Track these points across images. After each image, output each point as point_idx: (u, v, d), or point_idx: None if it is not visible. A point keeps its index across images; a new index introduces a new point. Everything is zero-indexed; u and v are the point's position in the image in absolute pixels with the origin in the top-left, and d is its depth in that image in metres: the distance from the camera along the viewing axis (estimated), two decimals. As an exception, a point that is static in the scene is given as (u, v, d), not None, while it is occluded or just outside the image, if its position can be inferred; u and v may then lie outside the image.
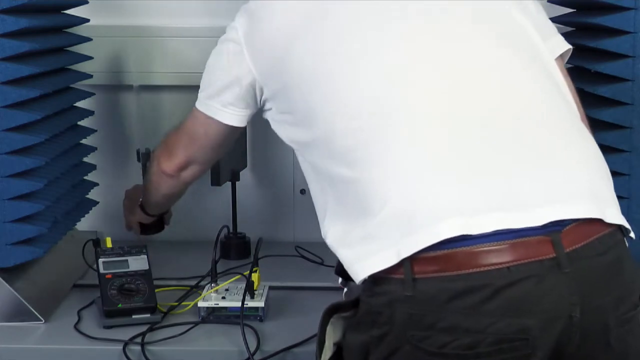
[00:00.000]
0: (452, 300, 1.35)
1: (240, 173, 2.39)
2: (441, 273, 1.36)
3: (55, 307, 1.97)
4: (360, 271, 1.43)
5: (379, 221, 1.41)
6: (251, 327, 1.83)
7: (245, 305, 1.85)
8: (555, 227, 1.38)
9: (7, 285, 1.88)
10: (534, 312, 1.35)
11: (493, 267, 1.35)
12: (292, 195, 2.51)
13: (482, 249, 1.35)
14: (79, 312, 1.94)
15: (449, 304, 1.35)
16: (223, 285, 1.93)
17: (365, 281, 1.44)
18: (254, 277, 1.90)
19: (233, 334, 1.80)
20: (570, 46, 1.65)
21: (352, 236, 1.47)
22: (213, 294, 1.90)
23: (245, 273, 1.91)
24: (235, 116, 1.74)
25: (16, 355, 1.81)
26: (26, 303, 1.88)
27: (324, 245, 2.34)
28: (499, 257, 1.35)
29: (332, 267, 2.19)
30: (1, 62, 1.81)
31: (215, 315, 1.88)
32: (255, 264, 1.94)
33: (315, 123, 1.54)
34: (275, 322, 1.89)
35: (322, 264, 2.28)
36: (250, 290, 1.88)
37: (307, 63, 1.56)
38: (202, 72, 2.19)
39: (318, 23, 1.57)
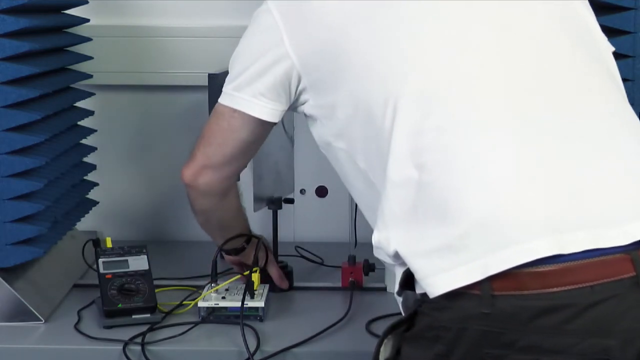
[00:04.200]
0: (534, 319, 1.30)
1: (240, 173, 2.39)
2: (522, 291, 1.30)
3: (55, 307, 1.97)
4: (439, 284, 1.33)
5: (462, 231, 1.33)
6: (251, 327, 1.83)
7: (245, 305, 1.85)
8: (631, 246, 1.34)
9: (7, 285, 1.87)
10: (615, 332, 1.31)
11: (576, 287, 1.30)
12: (292, 196, 2.51)
13: (563, 266, 1.31)
14: (79, 312, 1.93)
15: (531, 323, 1.30)
16: (223, 285, 1.93)
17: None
18: (254, 277, 1.89)
19: (233, 334, 1.80)
20: (613, 48, 1.61)
21: (427, 245, 1.36)
22: (213, 294, 1.90)
23: (245, 273, 1.91)
24: (265, 109, 1.61)
25: (16, 355, 1.81)
26: (26, 303, 1.88)
27: (324, 245, 2.37)
28: (581, 276, 1.31)
29: (332, 267, 2.21)
30: (1, 62, 1.81)
31: (215, 315, 1.88)
32: (255, 263, 1.94)
33: (373, 119, 1.45)
34: (275, 322, 1.89)
35: (322, 264, 2.28)
36: (250, 290, 1.88)
37: (365, 47, 1.47)
38: (202, 72, 2.20)
39: (377, 4, 1.49)
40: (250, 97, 1.61)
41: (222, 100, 1.66)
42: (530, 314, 1.30)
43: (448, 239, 1.34)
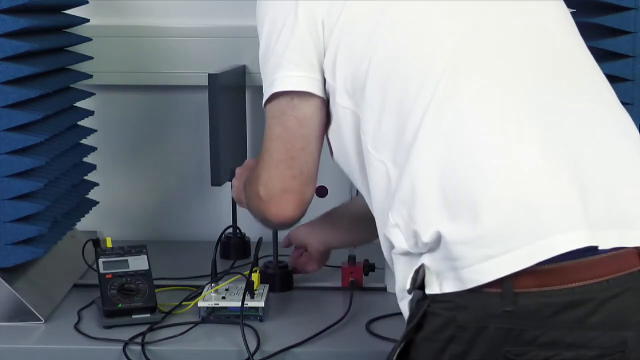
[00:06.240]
0: (557, 315, 1.31)
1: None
2: (543, 287, 1.31)
3: (55, 307, 1.97)
4: (485, 272, 1.32)
5: (503, 219, 1.32)
6: (251, 327, 1.83)
7: (245, 305, 1.85)
8: None
9: (7, 285, 1.87)
10: (631, 324, 1.34)
11: (594, 281, 1.32)
12: (292, 195, 2.51)
13: (579, 262, 1.32)
14: (79, 312, 1.93)
15: (553, 318, 1.31)
16: (223, 285, 1.93)
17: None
18: (254, 277, 1.90)
19: (233, 334, 1.80)
20: None
21: (470, 231, 1.33)
22: (213, 294, 1.90)
23: (245, 273, 1.91)
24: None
25: (16, 355, 1.81)
26: (26, 303, 1.88)
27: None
28: (598, 270, 1.33)
29: (332, 267, 2.20)
30: (1, 62, 1.81)
31: (215, 315, 1.88)
32: (255, 264, 1.94)
33: (403, 86, 1.41)
34: (275, 322, 1.89)
35: (322, 263, 2.28)
36: (250, 290, 1.88)
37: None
38: (202, 72, 2.20)
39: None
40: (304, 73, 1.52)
41: (274, 88, 1.51)
42: (553, 310, 1.31)
43: (491, 225, 1.32)
